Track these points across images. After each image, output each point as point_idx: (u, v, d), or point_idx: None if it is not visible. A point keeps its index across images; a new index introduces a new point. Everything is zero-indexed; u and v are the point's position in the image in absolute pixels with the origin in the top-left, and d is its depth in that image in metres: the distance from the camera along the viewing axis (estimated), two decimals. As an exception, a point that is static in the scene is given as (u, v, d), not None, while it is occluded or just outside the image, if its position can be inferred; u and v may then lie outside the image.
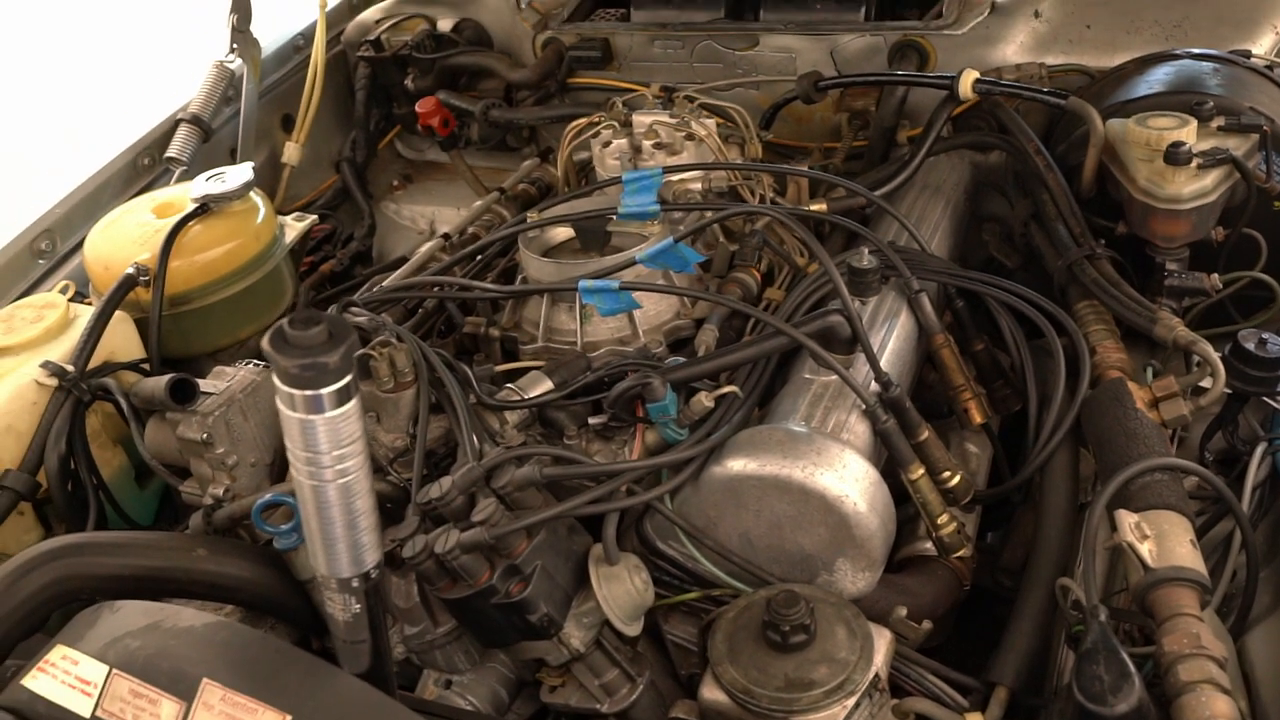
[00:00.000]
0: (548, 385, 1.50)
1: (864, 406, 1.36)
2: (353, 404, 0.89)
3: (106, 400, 1.64)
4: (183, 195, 1.90)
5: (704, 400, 1.35)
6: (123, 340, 1.73)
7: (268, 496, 1.32)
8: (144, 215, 1.88)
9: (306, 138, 2.42)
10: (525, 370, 1.56)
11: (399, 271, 1.90)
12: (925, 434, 1.38)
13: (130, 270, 1.73)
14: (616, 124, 1.82)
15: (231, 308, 1.85)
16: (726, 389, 1.37)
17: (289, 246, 1.94)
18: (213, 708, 1.00)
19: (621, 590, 1.29)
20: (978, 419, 1.52)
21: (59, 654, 1.14)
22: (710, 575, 1.36)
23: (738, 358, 1.41)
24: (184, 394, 1.44)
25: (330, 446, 0.90)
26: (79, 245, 2.03)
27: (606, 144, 1.81)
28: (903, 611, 1.30)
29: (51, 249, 1.99)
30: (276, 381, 0.87)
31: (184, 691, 1.05)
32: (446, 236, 2.00)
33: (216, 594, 1.37)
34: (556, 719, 1.42)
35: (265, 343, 0.85)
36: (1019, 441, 1.56)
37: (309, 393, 0.86)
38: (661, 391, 1.33)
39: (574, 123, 1.91)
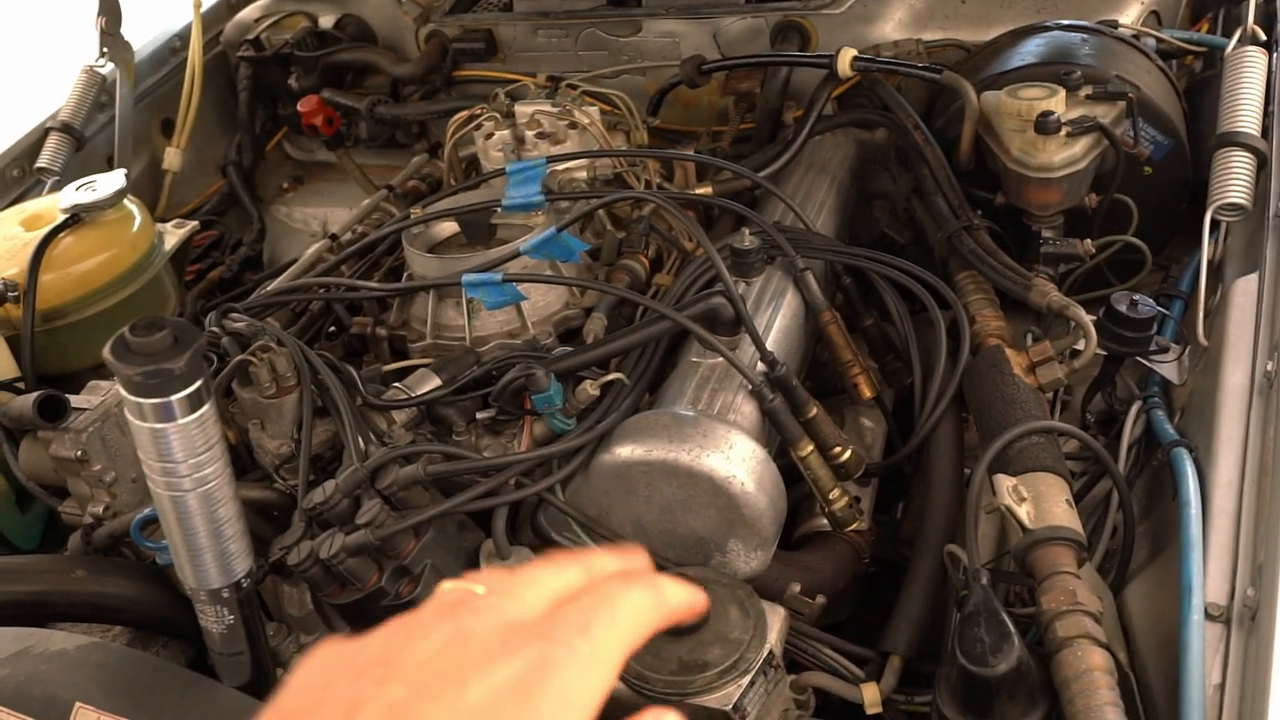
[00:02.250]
0: (435, 382, 1.48)
1: (750, 386, 1.36)
2: (206, 409, 0.86)
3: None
4: (52, 206, 1.84)
5: (589, 389, 1.34)
6: (2, 359, 1.67)
7: (146, 511, 1.28)
8: (11, 228, 1.81)
9: (188, 142, 2.35)
10: (413, 369, 1.53)
11: (285, 274, 1.86)
12: (814, 411, 1.39)
13: (-3, 287, 1.66)
14: (499, 115, 1.80)
15: (110, 320, 1.78)
16: (612, 376, 1.36)
17: (168, 254, 1.88)
18: None
19: (514, 584, 1.27)
20: (867, 393, 1.53)
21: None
22: (606, 564, 1.35)
23: (623, 344, 1.40)
24: (54, 411, 1.39)
25: (186, 455, 0.87)
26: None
27: (489, 136, 1.79)
28: (796, 588, 1.31)
29: (-82, 265, 1.90)
30: (122, 391, 0.84)
31: (57, 717, 1.01)
32: (334, 237, 1.96)
33: (100, 615, 1.32)
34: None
35: (107, 352, 0.82)
36: (914, 414, 1.58)
37: (157, 401, 0.84)
38: (545, 382, 1.32)
39: (456, 116, 1.88)
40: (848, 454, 1.40)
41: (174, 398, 0.83)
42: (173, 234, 1.92)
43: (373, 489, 1.27)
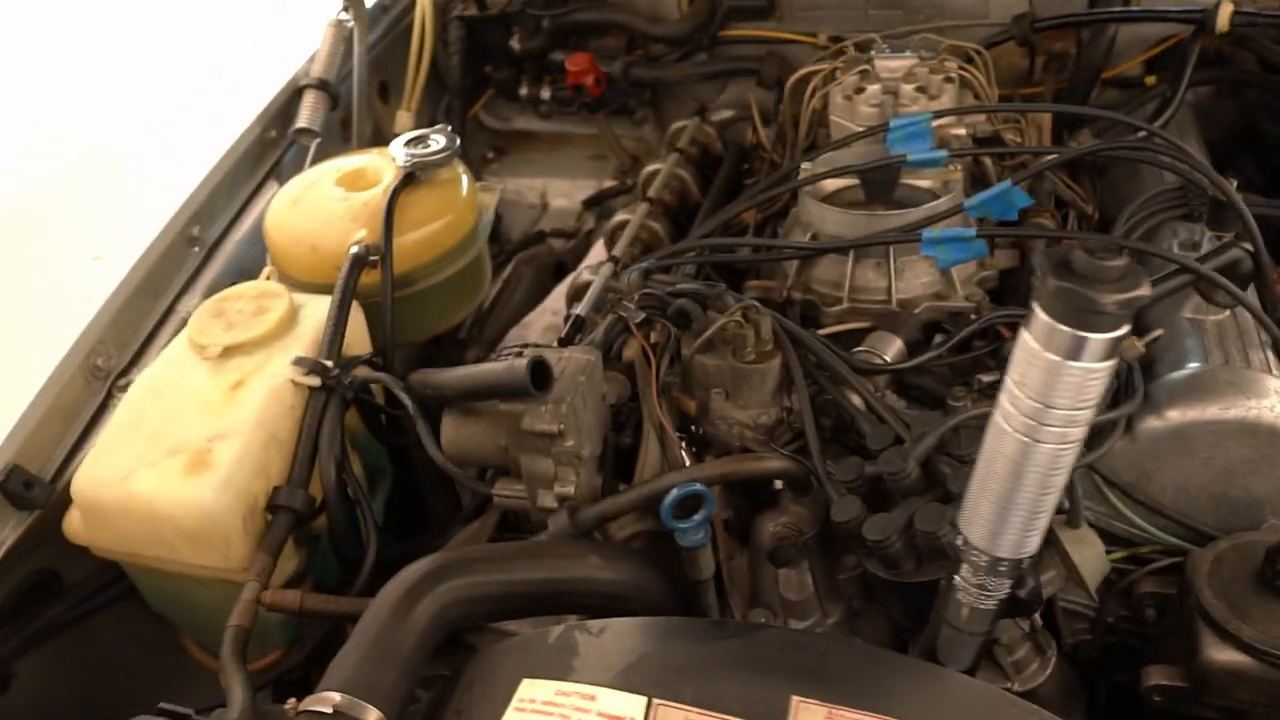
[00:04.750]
0: (898, 344, 1.39)
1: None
2: (1112, 364, 0.75)
3: (366, 397, 1.42)
4: (365, 164, 1.67)
5: (1137, 345, 1.26)
6: (354, 329, 1.49)
7: (681, 490, 1.15)
8: (330, 188, 1.63)
9: (416, 106, 2.19)
10: (852, 334, 1.44)
11: (620, 241, 1.74)
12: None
13: (356, 249, 1.48)
14: (867, 69, 1.70)
15: (448, 289, 1.63)
16: (1156, 333, 1.28)
17: (491, 220, 1.73)
18: None
19: (1092, 554, 1.19)
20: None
21: (540, 690, 0.95)
22: (1127, 533, 1.28)
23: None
24: (542, 379, 1.24)
25: (1070, 403, 0.76)
26: (227, 229, 1.77)
27: (859, 90, 1.68)
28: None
29: (202, 236, 1.72)
30: (1037, 309, 0.73)
31: (767, 714, 0.89)
32: (650, 201, 1.84)
33: (612, 606, 1.18)
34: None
35: (1042, 258, 0.71)
36: None
37: (1076, 333, 0.73)
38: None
39: (803, 70, 1.77)
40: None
41: (1094, 336, 0.72)
42: (486, 198, 1.77)
43: (946, 456, 1.17)
